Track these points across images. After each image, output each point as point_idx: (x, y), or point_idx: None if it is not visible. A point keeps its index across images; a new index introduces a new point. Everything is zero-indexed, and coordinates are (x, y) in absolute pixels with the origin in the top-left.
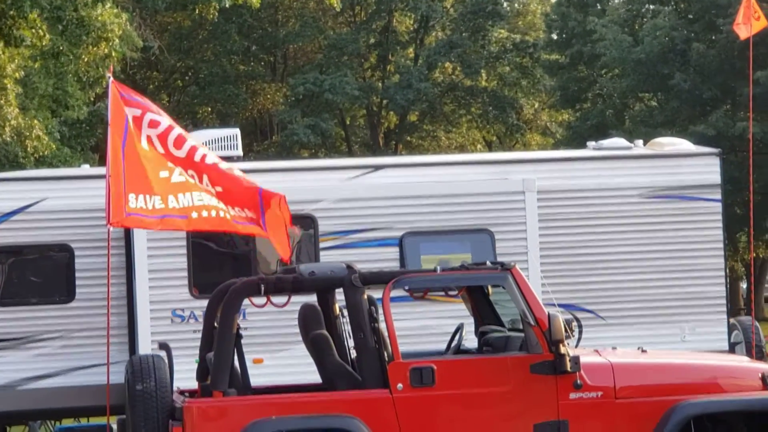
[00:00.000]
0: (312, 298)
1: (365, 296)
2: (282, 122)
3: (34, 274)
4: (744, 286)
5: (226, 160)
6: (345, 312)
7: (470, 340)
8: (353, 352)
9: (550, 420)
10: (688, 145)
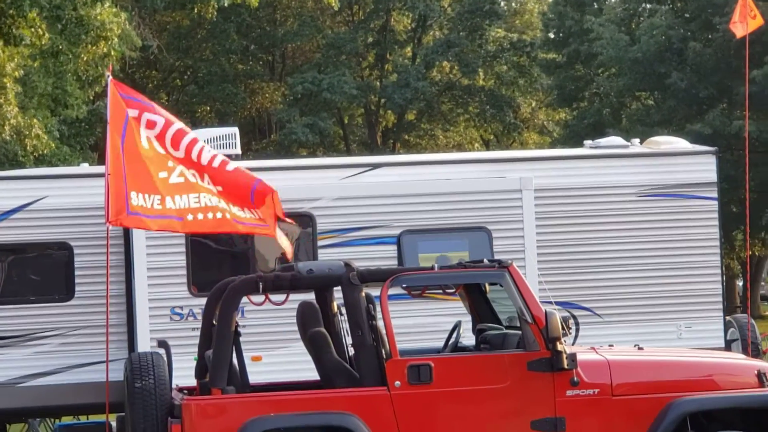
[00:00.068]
0: (310, 295)
1: (363, 294)
2: (280, 121)
3: (34, 272)
4: (740, 284)
5: None
6: (343, 310)
7: (468, 338)
8: (351, 350)
9: (547, 417)
10: (685, 144)
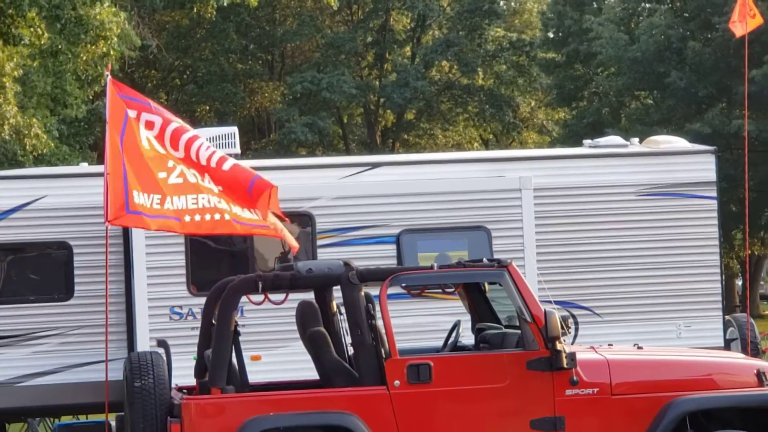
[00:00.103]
0: (309, 295)
1: (362, 293)
2: (280, 120)
3: (33, 272)
4: (739, 283)
5: None
6: (342, 309)
7: (467, 337)
8: (350, 349)
9: (546, 416)
10: (684, 143)
